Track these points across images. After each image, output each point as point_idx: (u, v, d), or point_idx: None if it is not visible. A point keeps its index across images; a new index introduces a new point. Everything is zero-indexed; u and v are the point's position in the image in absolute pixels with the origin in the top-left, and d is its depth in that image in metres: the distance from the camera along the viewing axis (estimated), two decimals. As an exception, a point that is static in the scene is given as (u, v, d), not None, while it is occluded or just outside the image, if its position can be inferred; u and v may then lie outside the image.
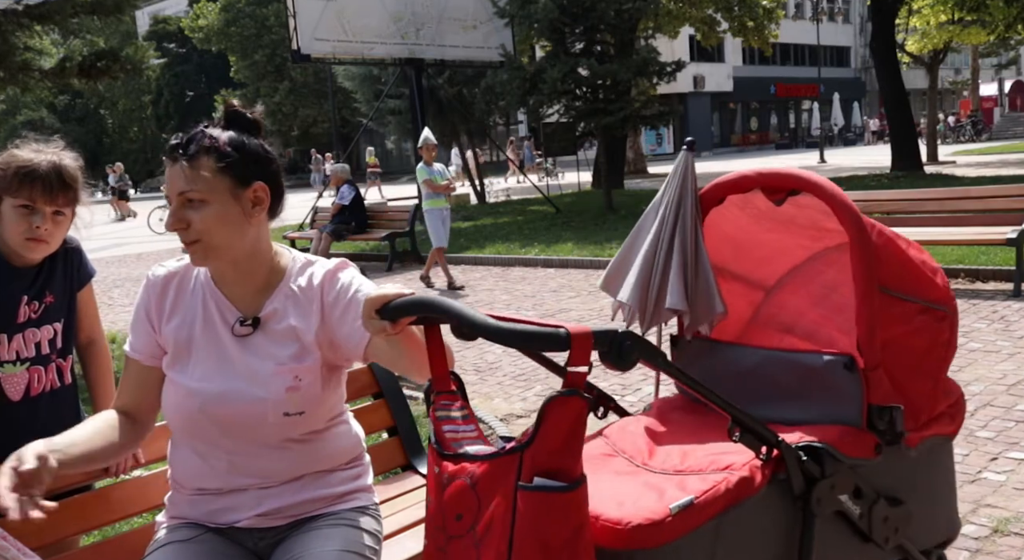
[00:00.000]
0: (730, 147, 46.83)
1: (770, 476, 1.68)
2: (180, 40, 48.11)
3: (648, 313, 2.19)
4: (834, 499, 1.75)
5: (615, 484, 1.71)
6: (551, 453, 1.36)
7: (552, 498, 1.35)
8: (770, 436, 1.67)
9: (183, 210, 1.66)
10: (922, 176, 17.12)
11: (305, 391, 1.74)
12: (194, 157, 1.65)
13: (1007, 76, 47.05)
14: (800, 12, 47.69)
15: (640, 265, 2.20)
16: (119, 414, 1.81)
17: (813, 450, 1.75)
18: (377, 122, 21.39)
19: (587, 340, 1.32)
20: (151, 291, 1.81)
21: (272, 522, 1.79)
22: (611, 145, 15.88)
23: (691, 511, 1.55)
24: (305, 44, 13.88)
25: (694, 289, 2.13)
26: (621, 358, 1.34)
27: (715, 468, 1.70)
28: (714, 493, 1.59)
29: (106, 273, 12.99)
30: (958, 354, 5.18)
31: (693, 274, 2.13)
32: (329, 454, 1.83)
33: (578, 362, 1.33)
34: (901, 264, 1.92)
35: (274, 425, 1.73)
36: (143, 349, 1.80)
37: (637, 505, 1.57)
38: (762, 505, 1.66)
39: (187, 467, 1.79)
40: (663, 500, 1.57)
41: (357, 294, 1.74)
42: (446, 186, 9.33)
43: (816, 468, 1.72)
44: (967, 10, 19.28)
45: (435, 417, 1.59)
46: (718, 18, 21.74)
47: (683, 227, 2.14)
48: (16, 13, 6.64)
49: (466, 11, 15.90)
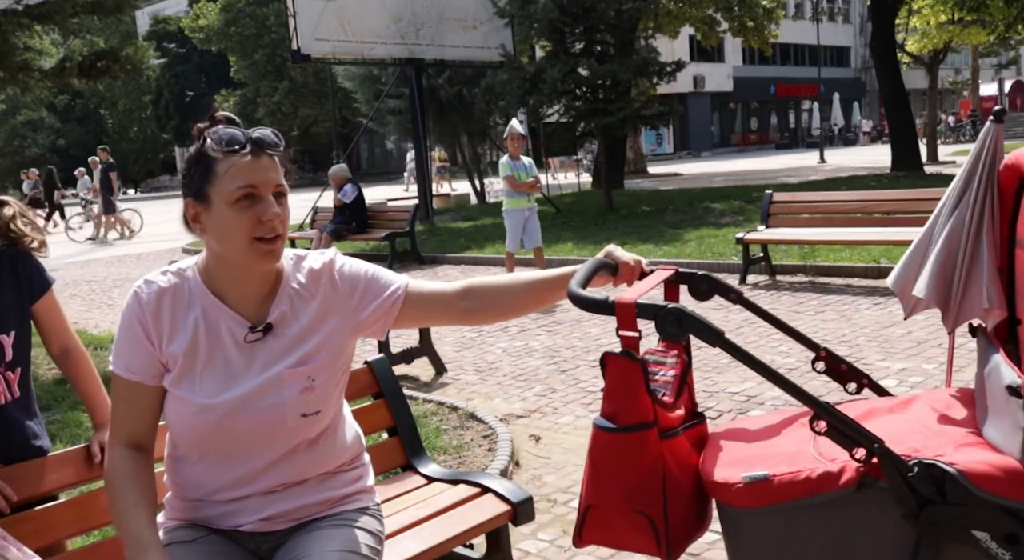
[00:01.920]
0: (730, 147, 46.83)
1: (861, 479, 1.56)
2: (180, 40, 48.10)
3: (953, 309, 1.94)
4: (965, 533, 1.54)
5: (769, 445, 1.74)
6: (609, 399, 1.61)
7: (601, 436, 1.61)
8: (862, 438, 1.56)
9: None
10: (922, 176, 17.11)
11: (319, 390, 1.74)
12: (276, 153, 1.67)
13: (1007, 76, 47.07)
14: (800, 12, 47.68)
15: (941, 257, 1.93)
16: (133, 453, 1.70)
17: (936, 470, 1.54)
18: (377, 122, 21.37)
19: (630, 309, 1.54)
20: (146, 308, 1.69)
21: (275, 526, 1.78)
22: (611, 145, 15.88)
23: (763, 486, 1.58)
24: (305, 44, 13.88)
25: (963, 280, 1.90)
26: (663, 328, 1.53)
27: (825, 456, 1.64)
28: (793, 477, 1.58)
29: (106, 273, 12.98)
30: (958, 354, 5.20)
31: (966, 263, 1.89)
32: (335, 453, 1.83)
33: (624, 327, 1.56)
34: None
35: (292, 428, 1.72)
36: (144, 370, 1.70)
37: (743, 466, 1.63)
38: (856, 508, 1.58)
39: (193, 479, 1.77)
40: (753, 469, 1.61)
41: (367, 274, 1.80)
42: (530, 185, 8.29)
43: (931, 489, 1.53)
44: (967, 10, 19.26)
45: (646, 356, 1.72)
46: (718, 18, 21.75)
47: (965, 208, 1.88)
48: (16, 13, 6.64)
49: (466, 11, 15.90)
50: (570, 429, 4.47)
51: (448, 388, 5.36)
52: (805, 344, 1.98)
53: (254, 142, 1.63)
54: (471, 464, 3.92)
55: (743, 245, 8.07)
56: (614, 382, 1.60)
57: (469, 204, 19.80)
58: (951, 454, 1.59)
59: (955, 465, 1.55)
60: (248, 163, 1.62)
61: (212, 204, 1.63)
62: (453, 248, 11.99)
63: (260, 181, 1.62)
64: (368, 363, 2.73)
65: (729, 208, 13.84)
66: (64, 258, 15.60)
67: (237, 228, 1.61)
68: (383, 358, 2.80)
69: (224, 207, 1.62)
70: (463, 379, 5.58)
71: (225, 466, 1.73)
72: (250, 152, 1.62)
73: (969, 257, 1.90)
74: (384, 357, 2.82)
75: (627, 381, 1.59)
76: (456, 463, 3.96)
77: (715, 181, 22.37)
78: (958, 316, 1.95)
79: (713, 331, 1.53)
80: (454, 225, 14.87)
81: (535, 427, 4.55)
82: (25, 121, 51.33)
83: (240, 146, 1.62)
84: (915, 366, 5.05)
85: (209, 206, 1.63)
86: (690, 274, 1.85)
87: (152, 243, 17.17)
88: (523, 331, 6.84)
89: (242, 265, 1.68)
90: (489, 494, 2.49)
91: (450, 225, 14.88)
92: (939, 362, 5.09)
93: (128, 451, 1.71)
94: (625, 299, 1.55)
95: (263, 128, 1.69)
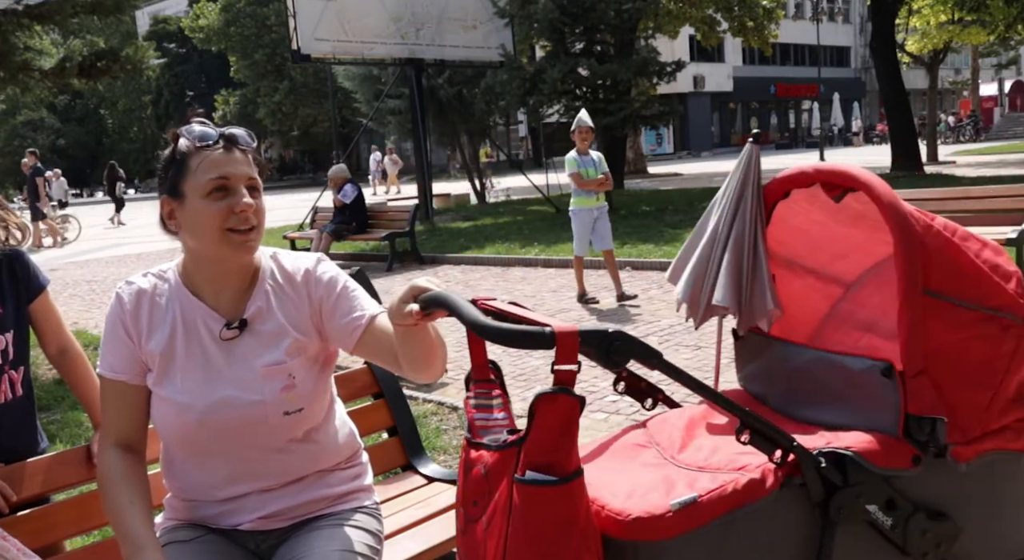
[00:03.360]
0: (730, 147, 46.81)
1: (783, 479, 1.63)
2: (180, 40, 48.11)
3: (700, 308, 2.18)
4: (860, 508, 1.68)
5: (636, 476, 1.70)
6: (542, 449, 1.40)
7: (542, 492, 1.39)
8: (783, 439, 1.61)
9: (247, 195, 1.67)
10: (922, 176, 17.12)
11: (301, 387, 1.73)
12: (249, 150, 1.70)
13: (1007, 76, 47.06)
14: (800, 12, 47.69)
15: (696, 260, 2.19)
16: (123, 453, 1.72)
17: (836, 456, 1.68)
18: (377, 122, 21.35)
19: (572, 339, 1.33)
20: (125, 307, 1.73)
21: (274, 524, 1.78)
22: (611, 145, 15.89)
23: (694, 509, 1.53)
24: (305, 44, 13.87)
25: (749, 286, 2.09)
26: (609, 358, 1.35)
27: (731, 468, 1.67)
28: (720, 493, 1.56)
29: (106, 273, 12.98)
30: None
31: (750, 270, 2.09)
32: (329, 451, 1.83)
33: (565, 361, 1.35)
34: (960, 268, 1.81)
35: (276, 427, 1.72)
36: (127, 368, 1.72)
37: (644, 498, 1.56)
38: (777, 509, 1.62)
39: (186, 479, 1.77)
40: (670, 495, 1.56)
41: (344, 288, 1.77)
42: (599, 182, 7.56)
43: (838, 475, 1.66)
44: (967, 10, 19.29)
45: (469, 404, 1.64)
46: (718, 18, 21.73)
47: (742, 222, 2.10)
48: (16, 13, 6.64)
49: (466, 11, 15.90)
50: (570, 429, 4.47)
51: (448, 388, 5.36)
52: None
53: (226, 137, 1.68)
54: (471, 464, 3.92)
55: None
56: (551, 426, 1.39)
57: (469, 204, 19.79)
58: (836, 441, 1.73)
59: (851, 448, 1.69)
60: (220, 156, 1.66)
61: (186, 199, 1.66)
62: (453, 248, 11.99)
63: (232, 173, 1.65)
64: (368, 363, 2.73)
65: (729, 208, 13.82)
66: (64, 258, 15.60)
67: (210, 219, 1.63)
68: (383, 358, 2.80)
69: (197, 200, 1.64)
70: (463, 379, 5.56)
71: (214, 464, 1.73)
72: (222, 147, 1.66)
73: (752, 266, 2.10)
74: (384, 357, 2.82)
75: (567, 422, 1.40)
76: (456, 463, 3.96)
77: (715, 181, 22.35)
78: (748, 319, 2.14)
79: (655, 353, 1.43)
80: (454, 225, 14.87)
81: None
82: (25, 121, 51.32)
83: (213, 141, 1.66)
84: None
85: (183, 201, 1.66)
86: None
87: (152, 243, 17.18)
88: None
89: (217, 259, 1.69)
90: (489, 494, 2.49)
91: (450, 225, 14.87)
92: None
93: (119, 452, 1.72)
94: (567, 328, 1.34)
95: (236, 128, 1.72)
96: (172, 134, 1.71)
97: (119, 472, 1.69)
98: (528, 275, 9.90)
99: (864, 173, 1.88)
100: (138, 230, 20.49)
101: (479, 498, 1.52)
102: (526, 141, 43.54)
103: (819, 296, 2.30)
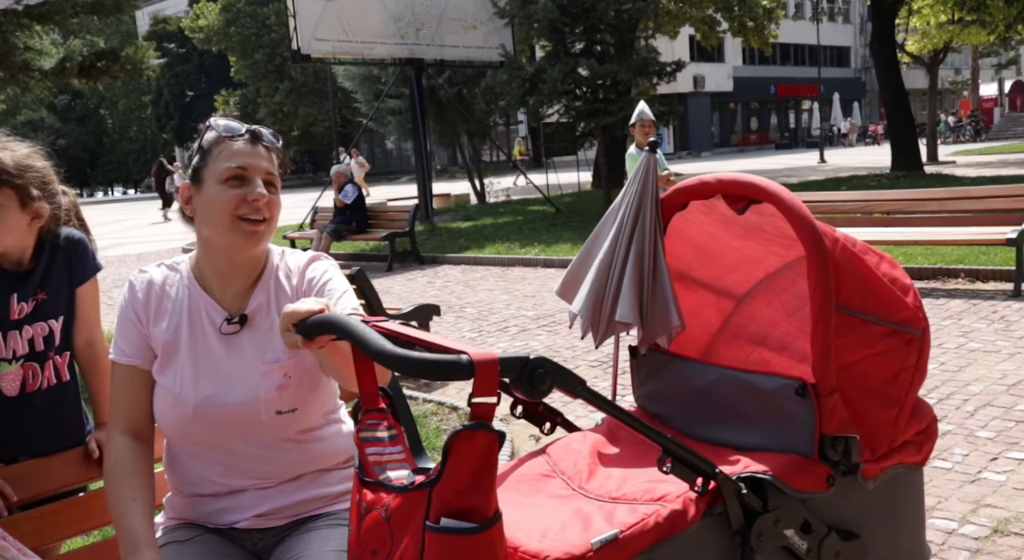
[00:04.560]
0: (730, 147, 46.84)
1: (705, 509, 1.56)
2: (180, 40, 48.11)
3: (601, 325, 2.06)
4: (778, 534, 1.63)
5: (545, 510, 1.63)
6: (458, 492, 1.24)
7: (460, 540, 1.24)
8: (706, 467, 1.54)
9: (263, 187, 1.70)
10: (922, 176, 17.12)
11: (296, 388, 1.73)
12: (273, 148, 1.74)
13: (1007, 76, 47.04)
14: (800, 12, 47.69)
15: (595, 274, 2.07)
16: (132, 441, 1.72)
17: (755, 481, 1.61)
18: (377, 122, 21.38)
19: (492, 367, 1.20)
20: (138, 294, 1.76)
21: (271, 522, 1.78)
22: (611, 145, 15.90)
23: (615, 546, 1.44)
24: (305, 44, 13.87)
25: (650, 301, 2.00)
26: (532, 386, 1.24)
27: (648, 498, 1.59)
28: (641, 527, 1.48)
29: (106, 273, 12.96)
30: (958, 354, 5.20)
31: (650, 285, 2.00)
32: (326, 453, 1.83)
33: (484, 392, 1.21)
34: (865, 282, 1.77)
35: (267, 425, 1.72)
36: (138, 353, 1.74)
37: (560, 537, 1.47)
38: (697, 540, 1.55)
39: (184, 471, 1.78)
40: (588, 532, 1.47)
41: (324, 287, 1.77)
42: (664, 179, 6.90)
43: (757, 501, 1.60)
44: (967, 10, 19.29)
45: (359, 439, 1.48)
46: (718, 18, 21.74)
47: (641, 234, 2.01)
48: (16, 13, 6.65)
49: (466, 11, 15.90)
50: (570, 429, 4.47)
51: (448, 388, 5.35)
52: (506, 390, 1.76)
53: (252, 132, 1.72)
54: (471, 464, 3.92)
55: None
56: (469, 466, 1.24)
57: (469, 204, 19.80)
58: (753, 465, 1.65)
59: (768, 472, 1.62)
60: (242, 147, 1.69)
61: (204, 184, 1.69)
62: (453, 248, 11.99)
63: (251, 164, 1.68)
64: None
65: (729, 208, 13.82)
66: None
67: (222, 204, 1.66)
68: (383, 358, 2.79)
69: (214, 185, 1.67)
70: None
71: (208, 456, 1.74)
72: (246, 140, 1.70)
73: (652, 280, 2.02)
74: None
75: (485, 461, 1.25)
76: (456, 463, 3.95)
77: (715, 181, 22.30)
78: (651, 335, 2.04)
79: (578, 380, 1.34)
80: (454, 225, 14.87)
81: (535, 427, 4.54)
82: (25, 121, 51.34)
83: (238, 133, 1.70)
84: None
85: (201, 186, 1.69)
86: None
87: (152, 243, 17.19)
88: (523, 331, 6.84)
89: (226, 248, 1.71)
90: (489, 494, 2.49)
91: (450, 225, 14.88)
92: (939, 362, 5.08)
93: (127, 439, 1.73)
94: (483, 356, 1.20)
95: (264, 128, 1.76)
96: (202, 125, 1.76)
97: (126, 463, 1.70)
98: (528, 275, 9.90)
99: (771, 184, 1.82)
100: (138, 230, 20.49)
101: (378, 546, 1.35)
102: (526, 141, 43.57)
103: (712, 310, 2.24)
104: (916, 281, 7.54)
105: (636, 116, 7.40)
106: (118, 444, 1.72)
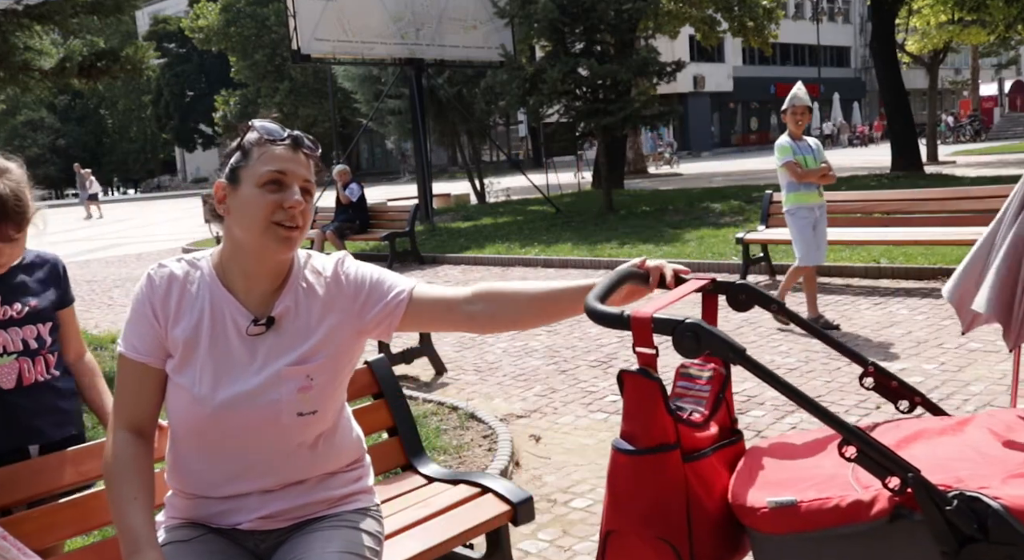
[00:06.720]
0: (730, 147, 46.84)
1: (892, 510, 1.44)
2: (180, 40, 48.11)
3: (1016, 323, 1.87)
4: None
5: (807, 466, 1.62)
6: (626, 419, 1.51)
7: (619, 458, 1.51)
8: (894, 466, 1.43)
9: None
10: (922, 176, 17.12)
11: (318, 390, 1.73)
12: (312, 155, 1.75)
13: (1007, 76, 47.06)
14: (800, 12, 47.72)
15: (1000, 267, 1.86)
16: (134, 438, 1.71)
17: (973, 502, 1.37)
18: (377, 122, 21.36)
19: (646, 324, 1.44)
20: (156, 290, 1.72)
21: (274, 524, 1.78)
22: (611, 145, 15.88)
23: (792, 512, 1.48)
24: (305, 44, 13.87)
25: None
26: (682, 346, 1.41)
27: (861, 482, 1.53)
28: (821, 504, 1.47)
29: (106, 273, 12.99)
30: (958, 354, 5.21)
31: None
32: (334, 455, 1.83)
33: (641, 343, 1.46)
34: None
35: (287, 427, 1.72)
36: (150, 351, 1.71)
37: (774, 489, 1.55)
38: (893, 541, 1.46)
39: (192, 472, 1.77)
40: (782, 494, 1.52)
41: (373, 275, 1.81)
42: (822, 172, 6.02)
43: (971, 526, 1.37)
44: (967, 10, 19.26)
45: (679, 372, 1.68)
46: (718, 18, 21.75)
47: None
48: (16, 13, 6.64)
49: (466, 11, 15.90)
50: (570, 429, 4.47)
51: (448, 388, 5.36)
52: (851, 357, 1.84)
53: (293, 137, 1.72)
54: (471, 464, 3.92)
55: (743, 245, 8.08)
56: (632, 402, 1.50)
57: (469, 204, 19.80)
58: (997, 487, 1.40)
59: (1000, 499, 1.37)
60: (282, 152, 1.69)
61: (241, 185, 1.68)
62: (453, 248, 12.00)
63: (291, 170, 1.68)
64: (368, 363, 2.73)
65: (729, 208, 13.83)
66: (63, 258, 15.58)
67: (259, 209, 1.65)
68: (383, 358, 2.80)
69: (251, 188, 1.66)
70: (463, 379, 5.58)
71: (220, 459, 1.73)
72: (287, 145, 1.70)
73: None
74: (384, 357, 2.82)
75: (645, 401, 1.48)
76: (456, 463, 3.96)
77: (715, 181, 22.37)
78: (1022, 331, 1.84)
79: (733, 348, 1.41)
80: (454, 225, 14.87)
81: (535, 427, 4.55)
82: (25, 121, 51.37)
83: (280, 137, 1.70)
84: (915, 366, 5.05)
85: (237, 187, 1.69)
86: (727, 283, 1.71)
87: (152, 243, 17.18)
88: (523, 331, 6.84)
89: (257, 251, 1.70)
90: (489, 494, 2.50)
91: (450, 225, 14.88)
92: (939, 362, 5.09)
93: (129, 436, 1.71)
94: (641, 314, 1.43)
95: (305, 134, 1.77)
96: (243, 125, 1.75)
97: (126, 460, 1.68)
98: (528, 275, 9.91)
99: None
100: (138, 230, 20.48)
101: None
102: (526, 141, 43.54)
103: None
104: (916, 281, 7.55)
105: (788, 100, 6.16)
106: (120, 439, 1.71)
